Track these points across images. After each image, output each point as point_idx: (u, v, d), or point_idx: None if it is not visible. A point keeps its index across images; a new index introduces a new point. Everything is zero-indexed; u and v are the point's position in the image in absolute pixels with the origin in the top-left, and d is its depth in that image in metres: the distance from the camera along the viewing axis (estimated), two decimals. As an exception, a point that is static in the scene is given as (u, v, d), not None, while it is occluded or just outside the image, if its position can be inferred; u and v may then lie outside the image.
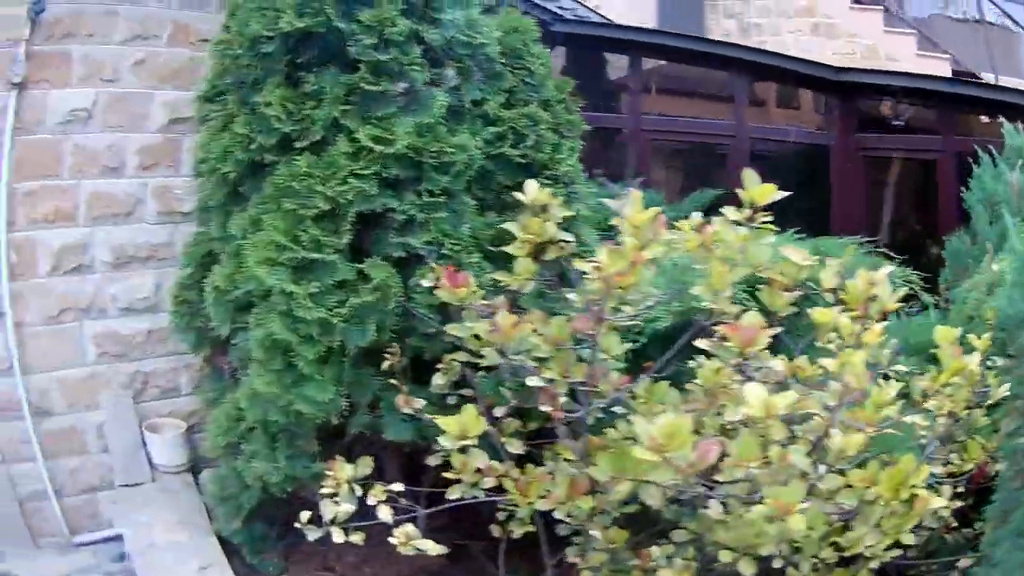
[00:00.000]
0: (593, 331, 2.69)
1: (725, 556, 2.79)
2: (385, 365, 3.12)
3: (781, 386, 2.70)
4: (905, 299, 3.35)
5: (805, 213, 5.06)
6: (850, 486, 2.57)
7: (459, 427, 2.81)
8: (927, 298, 4.35)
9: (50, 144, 4.43)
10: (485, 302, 2.97)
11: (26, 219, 4.42)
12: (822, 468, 2.59)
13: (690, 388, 2.99)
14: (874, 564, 2.76)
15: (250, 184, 3.62)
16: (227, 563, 4.23)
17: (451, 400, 3.28)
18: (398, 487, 3.12)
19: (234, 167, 3.58)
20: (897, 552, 2.74)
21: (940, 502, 2.71)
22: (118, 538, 4.69)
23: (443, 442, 2.84)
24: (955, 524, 3.13)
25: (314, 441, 3.64)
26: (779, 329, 2.75)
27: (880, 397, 2.60)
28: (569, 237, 2.94)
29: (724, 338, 2.65)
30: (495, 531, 3.34)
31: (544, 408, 2.76)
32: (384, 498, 3.05)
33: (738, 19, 6.85)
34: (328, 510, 3.02)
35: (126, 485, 4.67)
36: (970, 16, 8.63)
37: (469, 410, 2.80)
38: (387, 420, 3.49)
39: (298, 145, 3.38)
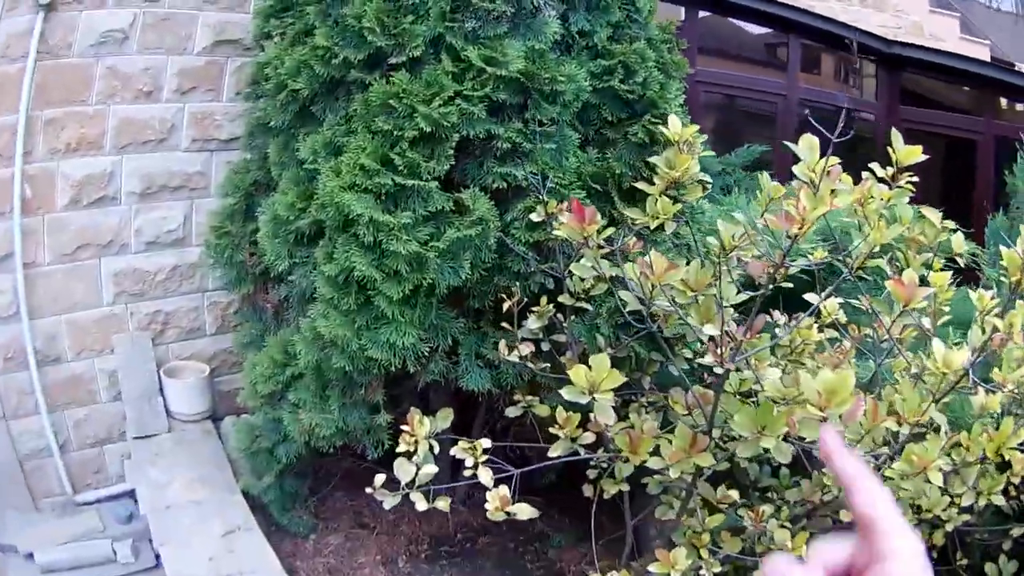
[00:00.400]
0: (764, 277, 2.26)
1: (846, 516, 2.65)
2: (504, 308, 2.60)
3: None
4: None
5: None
6: (960, 444, 2.43)
7: (587, 379, 2.31)
8: (991, 272, 4.08)
9: (78, 68, 3.76)
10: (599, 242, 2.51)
11: (46, 148, 3.75)
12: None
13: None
14: (949, 527, 2.64)
15: (324, 103, 3.07)
16: (254, 524, 3.64)
17: (544, 347, 2.81)
18: (486, 443, 2.61)
19: (308, 83, 3.01)
20: (966, 517, 2.63)
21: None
22: (127, 495, 4.06)
23: (567, 395, 2.34)
24: (1014, 493, 2.90)
25: (380, 390, 3.11)
26: (931, 291, 2.42)
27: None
28: (707, 178, 2.50)
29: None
30: (587, 491, 2.89)
31: (707, 361, 2.31)
32: (483, 459, 2.52)
33: (786, -21, 6.54)
34: (404, 471, 2.43)
35: (139, 437, 4.02)
36: (995, 5, 8.50)
37: (602, 360, 2.31)
38: (466, 367, 2.99)
39: (392, 61, 2.84)
